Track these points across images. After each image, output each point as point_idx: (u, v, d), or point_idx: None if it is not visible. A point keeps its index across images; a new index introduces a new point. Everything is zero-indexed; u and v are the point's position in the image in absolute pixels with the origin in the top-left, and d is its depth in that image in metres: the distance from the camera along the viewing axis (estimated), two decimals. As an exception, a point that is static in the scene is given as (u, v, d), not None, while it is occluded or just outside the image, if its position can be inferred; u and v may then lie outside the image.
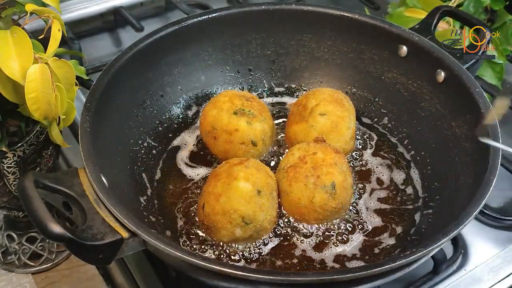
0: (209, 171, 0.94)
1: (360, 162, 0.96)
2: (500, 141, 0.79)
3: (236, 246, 0.82)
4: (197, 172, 0.95)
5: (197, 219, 0.86)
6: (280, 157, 0.96)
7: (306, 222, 0.85)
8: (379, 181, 0.94)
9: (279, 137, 1.00)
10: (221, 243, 0.82)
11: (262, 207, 0.80)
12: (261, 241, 0.83)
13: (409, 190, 0.92)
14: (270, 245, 0.83)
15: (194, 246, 0.83)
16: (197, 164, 0.96)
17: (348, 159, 0.95)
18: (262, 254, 0.82)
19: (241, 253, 0.82)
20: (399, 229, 0.86)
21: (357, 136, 1.00)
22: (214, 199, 0.80)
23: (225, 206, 0.79)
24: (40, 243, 0.89)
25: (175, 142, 1.00)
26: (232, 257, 0.81)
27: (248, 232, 0.80)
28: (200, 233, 0.84)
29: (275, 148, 0.99)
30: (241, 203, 0.79)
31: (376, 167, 0.96)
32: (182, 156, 0.98)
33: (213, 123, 0.93)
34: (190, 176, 0.94)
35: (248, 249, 0.82)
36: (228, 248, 0.82)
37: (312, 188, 0.82)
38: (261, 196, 0.81)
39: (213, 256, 0.81)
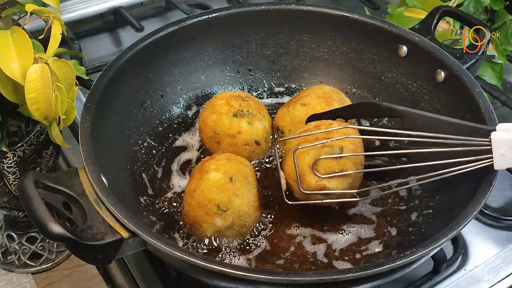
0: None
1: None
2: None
3: (231, 241, 0.83)
4: (197, 172, 0.95)
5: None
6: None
7: (307, 186, 0.81)
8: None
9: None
10: (227, 242, 0.83)
11: (236, 192, 0.81)
12: (253, 234, 0.84)
13: (403, 191, 0.92)
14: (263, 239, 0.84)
15: (194, 246, 0.83)
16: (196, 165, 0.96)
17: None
18: (258, 247, 0.83)
19: (237, 246, 0.83)
20: (393, 231, 0.86)
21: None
22: (190, 196, 0.82)
23: (199, 199, 0.80)
24: (40, 243, 0.89)
25: (176, 143, 1.00)
26: (227, 252, 0.82)
27: (228, 219, 0.80)
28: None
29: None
30: (213, 192, 0.80)
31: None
32: (183, 156, 0.98)
33: (215, 128, 0.93)
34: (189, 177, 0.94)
35: (244, 241, 0.84)
36: (226, 244, 0.83)
37: (319, 147, 0.80)
38: (233, 182, 0.81)
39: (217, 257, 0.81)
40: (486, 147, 0.73)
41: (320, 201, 0.82)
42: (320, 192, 0.81)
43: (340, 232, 0.86)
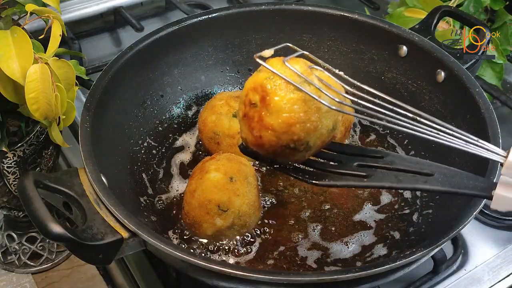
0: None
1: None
2: (500, 141, 0.79)
3: (231, 241, 0.83)
4: (197, 172, 0.95)
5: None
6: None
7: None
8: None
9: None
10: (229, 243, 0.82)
11: (236, 192, 0.81)
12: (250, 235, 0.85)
13: (407, 193, 0.92)
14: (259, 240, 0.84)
15: (194, 246, 0.83)
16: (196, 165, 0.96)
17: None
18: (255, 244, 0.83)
19: (235, 246, 0.83)
20: (394, 232, 0.86)
21: (355, 137, 1.01)
22: (190, 196, 0.82)
23: (200, 199, 0.81)
24: (40, 243, 0.89)
25: (176, 143, 1.00)
26: (227, 252, 0.82)
27: (228, 219, 0.81)
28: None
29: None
30: (214, 192, 0.80)
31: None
32: (183, 156, 0.98)
33: (214, 129, 0.93)
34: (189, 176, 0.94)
35: (242, 242, 0.84)
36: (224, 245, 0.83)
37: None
38: (234, 182, 0.81)
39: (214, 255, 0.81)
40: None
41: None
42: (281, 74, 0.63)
43: (344, 243, 0.85)
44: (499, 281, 0.86)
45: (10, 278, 0.88)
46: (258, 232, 0.85)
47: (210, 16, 1.03)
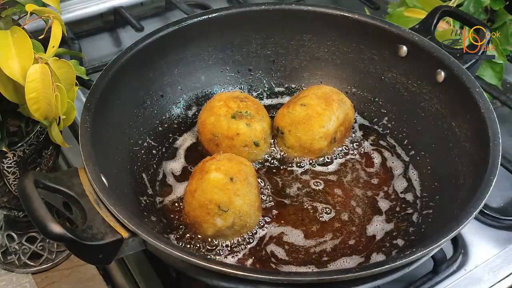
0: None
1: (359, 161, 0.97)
2: (500, 141, 0.79)
3: (231, 241, 0.83)
4: (197, 172, 0.95)
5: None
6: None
7: None
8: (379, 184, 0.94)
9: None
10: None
11: (237, 192, 0.81)
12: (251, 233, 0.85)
13: (409, 196, 0.91)
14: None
15: (194, 246, 0.83)
16: (197, 165, 0.96)
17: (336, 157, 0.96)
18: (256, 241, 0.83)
19: (233, 246, 0.83)
20: (393, 232, 0.86)
21: (356, 137, 1.01)
22: (191, 196, 0.82)
23: (200, 199, 0.81)
24: (40, 243, 0.89)
25: (176, 143, 1.00)
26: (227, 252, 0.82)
27: (229, 219, 0.81)
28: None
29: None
30: (214, 192, 0.80)
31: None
32: (183, 156, 0.98)
33: (213, 131, 0.93)
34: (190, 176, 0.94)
35: (238, 242, 0.84)
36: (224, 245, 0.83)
37: None
38: (234, 182, 0.81)
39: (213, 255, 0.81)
40: None
41: None
42: None
43: (343, 246, 0.84)
44: (499, 281, 0.86)
45: (10, 278, 0.88)
46: (258, 232, 0.85)
47: (210, 16, 1.03)
